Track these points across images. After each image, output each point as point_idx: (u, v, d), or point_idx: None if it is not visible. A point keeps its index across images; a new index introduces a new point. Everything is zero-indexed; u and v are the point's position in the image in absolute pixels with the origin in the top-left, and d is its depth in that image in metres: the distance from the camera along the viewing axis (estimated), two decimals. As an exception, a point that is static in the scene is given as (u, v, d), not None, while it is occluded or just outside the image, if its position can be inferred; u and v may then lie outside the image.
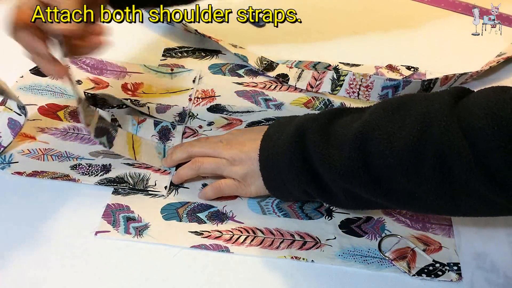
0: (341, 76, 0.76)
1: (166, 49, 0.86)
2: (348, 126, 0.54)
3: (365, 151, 0.52)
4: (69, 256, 0.58)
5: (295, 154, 0.57)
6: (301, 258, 0.59)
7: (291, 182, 0.59)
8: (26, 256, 0.58)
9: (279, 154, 0.58)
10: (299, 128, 0.57)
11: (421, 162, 0.49)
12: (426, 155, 0.48)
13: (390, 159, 0.50)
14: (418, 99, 0.52)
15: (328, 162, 0.54)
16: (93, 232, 0.60)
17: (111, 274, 0.57)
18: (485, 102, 0.47)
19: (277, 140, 0.59)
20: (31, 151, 0.68)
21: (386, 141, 0.50)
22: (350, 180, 0.54)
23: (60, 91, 0.77)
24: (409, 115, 0.50)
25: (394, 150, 0.50)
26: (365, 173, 0.52)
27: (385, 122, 0.51)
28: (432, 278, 0.58)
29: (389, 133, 0.51)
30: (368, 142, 0.52)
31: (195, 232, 0.61)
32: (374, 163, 0.52)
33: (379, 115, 0.52)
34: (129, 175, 0.66)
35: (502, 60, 0.84)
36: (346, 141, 0.53)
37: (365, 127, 0.52)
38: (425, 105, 0.50)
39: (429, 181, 0.49)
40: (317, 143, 0.55)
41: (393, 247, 0.60)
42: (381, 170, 0.52)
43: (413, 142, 0.49)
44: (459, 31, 0.93)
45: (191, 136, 0.72)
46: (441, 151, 0.48)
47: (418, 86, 0.76)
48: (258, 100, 0.78)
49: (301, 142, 0.57)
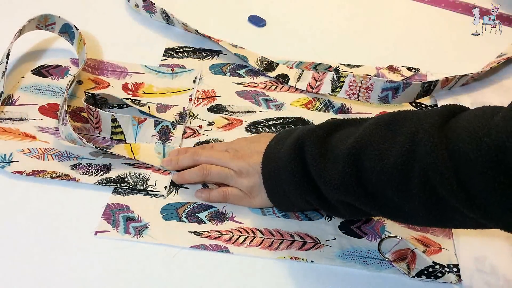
0: (341, 78, 0.76)
1: (166, 49, 0.86)
2: (344, 141, 0.55)
3: (358, 167, 0.53)
4: (69, 256, 0.58)
5: (296, 167, 0.57)
6: (301, 259, 0.59)
7: (293, 194, 0.59)
8: (26, 256, 0.58)
9: (280, 167, 0.59)
10: (298, 140, 0.58)
11: (409, 180, 0.50)
12: (413, 174, 0.49)
13: (381, 175, 0.51)
14: (409, 117, 0.53)
15: (324, 175, 0.55)
16: (92, 232, 0.61)
17: (110, 274, 0.57)
18: (473, 126, 0.47)
19: (278, 153, 0.60)
20: (31, 150, 0.68)
21: (378, 158, 0.52)
22: (345, 194, 0.55)
23: (60, 91, 0.77)
24: (400, 133, 0.52)
25: (384, 167, 0.51)
26: (359, 187, 0.53)
27: (377, 138, 0.53)
28: (431, 280, 0.58)
29: (380, 149, 0.52)
30: (361, 158, 0.53)
31: (194, 232, 0.61)
32: (367, 178, 0.53)
33: (372, 131, 0.53)
34: (129, 175, 0.66)
35: (503, 60, 0.83)
36: (341, 156, 0.54)
37: (359, 143, 0.53)
38: (415, 124, 0.51)
39: (417, 198, 0.50)
40: (314, 156, 0.56)
41: (393, 248, 0.60)
42: (373, 186, 0.53)
43: (401, 160, 0.50)
44: (459, 31, 0.93)
45: (191, 136, 0.72)
46: (426, 171, 0.49)
47: (418, 88, 0.76)
48: (258, 101, 0.78)
49: (300, 154, 0.57)
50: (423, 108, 0.78)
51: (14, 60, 0.81)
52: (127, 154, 0.67)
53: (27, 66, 0.81)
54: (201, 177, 0.65)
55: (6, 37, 0.78)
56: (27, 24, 0.79)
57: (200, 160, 0.66)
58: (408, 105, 0.79)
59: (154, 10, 0.90)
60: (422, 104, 0.79)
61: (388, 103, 0.76)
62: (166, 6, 0.89)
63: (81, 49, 0.80)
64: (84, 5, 0.94)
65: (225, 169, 0.64)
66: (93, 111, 0.69)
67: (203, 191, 0.64)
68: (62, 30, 0.82)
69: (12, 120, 0.72)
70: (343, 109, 0.77)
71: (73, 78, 0.74)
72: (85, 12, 0.92)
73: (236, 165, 0.64)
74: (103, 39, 0.86)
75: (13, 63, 0.80)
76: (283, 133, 0.63)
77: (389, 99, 0.76)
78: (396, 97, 0.76)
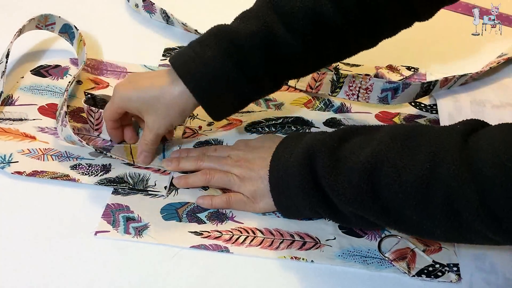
0: (340, 78, 0.76)
1: (166, 49, 0.86)
2: (357, 153, 0.54)
3: (373, 182, 0.52)
4: (69, 256, 0.58)
5: (305, 178, 0.57)
6: (301, 259, 0.59)
7: (301, 204, 0.59)
8: (25, 256, 0.58)
9: (289, 176, 0.59)
10: (309, 150, 0.57)
11: (430, 200, 0.49)
12: (434, 194, 0.49)
13: (399, 193, 0.50)
14: (428, 133, 0.52)
15: (337, 188, 0.54)
16: (92, 232, 0.60)
17: (110, 274, 0.57)
18: (494, 148, 0.47)
19: (286, 161, 0.59)
20: (31, 151, 0.68)
21: (395, 175, 0.50)
22: (360, 208, 0.54)
23: (60, 91, 0.77)
24: (418, 151, 0.50)
25: (403, 185, 0.50)
26: (373, 202, 0.53)
27: (393, 154, 0.51)
28: (431, 279, 0.58)
29: (397, 166, 0.51)
30: (377, 173, 0.52)
31: (194, 232, 0.61)
32: (383, 194, 0.52)
33: (388, 146, 0.52)
34: (129, 175, 0.66)
35: (503, 61, 0.84)
36: (355, 170, 0.53)
37: (374, 158, 0.52)
38: (435, 142, 0.50)
39: (437, 217, 0.50)
40: (326, 168, 0.55)
41: (393, 248, 0.60)
42: (389, 202, 0.52)
43: (422, 179, 0.49)
44: (459, 31, 0.93)
45: (191, 136, 0.72)
46: (449, 193, 0.48)
47: (417, 88, 0.76)
48: (258, 100, 0.78)
49: (310, 165, 0.57)
50: (423, 107, 0.79)
51: (14, 60, 0.81)
52: (127, 158, 0.67)
53: (26, 66, 0.81)
54: (204, 182, 0.65)
55: (5, 36, 0.78)
56: (27, 23, 0.79)
57: (202, 166, 0.66)
58: (408, 105, 0.79)
59: (154, 10, 0.90)
60: (422, 104, 0.79)
61: (387, 103, 0.76)
62: (166, 6, 0.89)
63: (81, 49, 0.80)
64: (84, 5, 0.94)
65: (228, 174, 0.64)
66: (95, 112, 0.69)
67: (205, 198, 0.64)
68: (62, 30, 0.82)
69: (12, 120, 0.72)
70: (342, 109, 0.77)
71: (73, 79, 0.74)
72: (85, 12, 0.92)
73: (239, 171, 0.64)
74: (102, 39, 0.86)
75: (13, 63, 0.80)
76: (289, 139, 0.63)
77: (388, 99, 0.76)
78: (396, 98, 0.76)
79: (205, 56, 0.60)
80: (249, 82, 0.61)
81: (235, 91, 0.62)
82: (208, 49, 0.60)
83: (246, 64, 0.60)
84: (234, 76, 0.60)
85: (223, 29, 0.61)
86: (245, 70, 0.60)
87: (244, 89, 0.62)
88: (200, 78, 0.60)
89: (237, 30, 0.60)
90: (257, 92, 0.64)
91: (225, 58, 0.59)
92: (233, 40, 0.60)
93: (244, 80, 0.61)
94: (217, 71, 0.60)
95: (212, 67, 0.59)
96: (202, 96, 0.61)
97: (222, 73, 0.60)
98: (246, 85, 0.61)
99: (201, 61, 0.60)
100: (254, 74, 0.61)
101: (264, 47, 0.60)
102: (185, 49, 0.62)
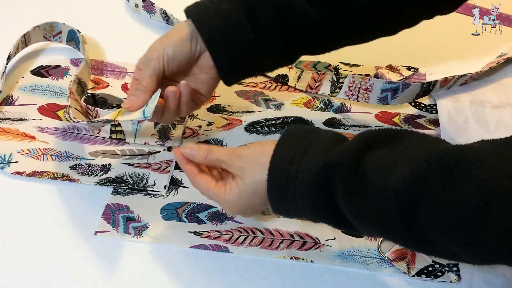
0: (340, 78, 0.76)
1: (166, 49, 0.86)
2: (384, 175, 0.46)
3: (409, 212, 0.45)
4: (69, 256, 0.58)
5: (319, 199, 0.50)
6: (301, 259, 0.59)
7: (307, 216, 0.53)
8: (25, 256, 0.58)
9: (297, 195, 0.51)
10: (326, 171, 0.49)
11: (478, 240, 0.43)
12: (485, 234, 0.43)
13: (441, 228, 0.44)
14: (475, 160, 0.44)
15: (360, 215, 0.48)
16: (92, 232, 0.60)
17: (110, 274, 0.57)
18: None
19: (293, 177, 0.51)
20: (31, 151, 0.68)
21: (438, 209, 0.44)
22: (387, 235, 0.50)
23: (60, 91, 0.77)
24: (467, 182, 0.43)
25: (448, 220, 0.44)
26: (406, 232, 0.47)
27: (434, 182, 0.44)
28: (431, 279, 0.58)
29: (440, 197, 0.44)
30: (414, 203, 0.45)
31: (194, 232, 0.61)
32: (419, 225, 0.45)
33: (425, 172, 0.45)
34: (128, 175, 0.66)
35: (503, 61, 0.83)
36: (385, 198, 0.46)
37: (410, 185, 0.45)
38: (487, 174, 0.42)
39: (481, 255, 0.45)
40: (346, 192, 0.48)
41: (393, 248, 0.60)
42: (427, 234, 0.46)
43: (471, 218, 0.42)
44: (459, 31, 0.93)
45: (190, 136, 0.72)
46: (503, 232, 0.42)
47: (417, 89, 0.76)
48: (258, 100, 0.78)
49: (326, 185, 0.49)
50: (422, 107, 0.78)
51: (14, 60, 0.81)
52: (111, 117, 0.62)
53: (26, 66, 0.81)
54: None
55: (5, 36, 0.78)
56: (31, 31, 0.80)
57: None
58: (408, 105, 0.79)
59: (153, 10, 0.90)
60: (421, 104, 0.79)
61: (387, 104, 0.76)
62: (166, 6, 0.89)
63: (84, 49, 0.80)
64: (84, 5, 0.94)
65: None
66: (92, 111, 0.69)
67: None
68: (68, 39, 0.82)
69: (12, 120, 0.72)
70: (342, 109, 0.77)
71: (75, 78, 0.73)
72: (85, 12, 0.92)
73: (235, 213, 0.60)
74: (102, 39, 0.86)
75: (13, 63, 0.80)
76: (291, 141, 0.53)
77: (388, 100, 0.76)
78: (395, 98, 0.76)
79: (221, 8, 0.59)
80: (261, 40, 0.59)
81: (248, 48, 0.59)
82: (225, 2, 0.59)
83: (258, 23, 0.59)
84: (247, 31, 0.58)
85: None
86: (258, 28, 0.59)
87: (256, 48, 0.60)
88: (213, 27, 0.59)
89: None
90: (269, 55, 0.61)
91: (240, 13, 0.58)
92: None
93: (255, 37, 0.59)
94: (230, 24, 0.58)
95: (227, 19, 0.58)
96: (214, 48, 0.59)
97: (235, 27, 0.58)
98: (256, 43, 0.59)
99: (217, 11, 0.59)
100: (266, 35, 0.59)
101: (279, 11, 0.59)
102: (201, 1, 0.61)
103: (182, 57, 0.60)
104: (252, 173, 0.53)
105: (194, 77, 0.63)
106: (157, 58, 0.60)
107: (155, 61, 0.59)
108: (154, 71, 0.60)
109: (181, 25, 0.60)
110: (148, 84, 0.59)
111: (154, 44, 0.61)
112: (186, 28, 0.60)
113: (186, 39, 0.59)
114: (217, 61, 0.60)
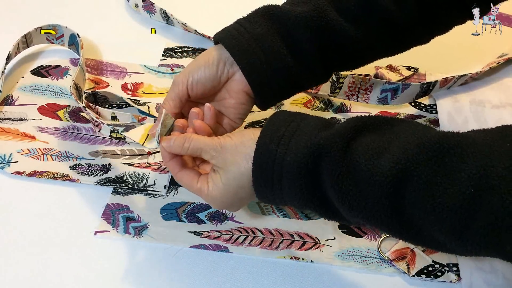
0: (340, 78, 0.76)
1: (166, 49, 0.86)
2: (374, 161, 0.46)
3: (397, 198, 0.45)
4: (69, 256, 0.58)
5: (307, 183, 0.49)
6: (301, 259, 0.59)
7: (292, 201, 0.52)
8: (25, 256, 0.58)
9: (283, 177, 0.50)
10: (314, 153, 0.48)
11: (467, 229, 0.43)
12: (475, 223, 0.42)
13: (431, 215, 0.44)
14: (469, 147, 0.43)
15: (348, 199, 0.47)
16: (92, 232, 0.61)
17: (110, 273, 0.57)
18: None
19: (281, 159, 0.50)
20: (31, 151, 0.68)
21: (428, 194, 0.43)
22: (372, 220, 0.48)
23: (60, 91, 0.77)
24: (459, 169, 0.42)
25: (437, 207, 0.43)
26: (392, 218, 0.46)
27: (424, 169, 0.44)
28: (431, 279, 0.58)
29: (430, 183, 0.43)
30: (402, 189, 0.44)
31: (194, 232, 0.61)
32: (407, 212, 0.45)
33: (416, 158, 0.44)
34: (128, 175, 0.66)
35: (503, 61, 0.83)
36: (374, 183, 0.45)
37: (398, 171, 0.44)
38: (480, 161, 0.42)
39: (470, 243, 0.44)
40: (335, 177, 0.47)
41: (393, 248, 0.60)
42: (415, 221, 0.45)
43: (462, 204, 0.42)
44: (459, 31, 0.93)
45: (190, 136, 0.72)
46: (495, 220, 0.41)
47: (417, 89, 0.76)
48: (258, 100, 0.78)
49: (315, 169, 0.49)
50: (422, 107, 0.78)
51: (14, 60, 0.81)
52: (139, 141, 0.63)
53: (26, 66, 0.81)
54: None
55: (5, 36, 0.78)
56: (33, 32, 0.79)
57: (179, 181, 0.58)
58: (408, 105, 0.79)
59: (153, 10, 0.90)
60: (421, 104, 0.79)
61: (387, 104, 0.76)
62: (166, 6, 0.89)
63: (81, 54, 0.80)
64: (84, 5, 0.94)
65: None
66: (93, 109, 0.69)
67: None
68: (70, 42, 0.82)
69: (12, 120, 0.72)
70: (342, 109, 0.77)
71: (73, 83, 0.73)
72: (85, 12, 0.92)
73: (221, 208, 0.58)
74: (102, 39, 0.86)
75: (13, 63, 0.80)
76: (277, 124, 0.52)
77: (388, 100, 0.76)
78: (395, 98, 0.76)
79: (255, 32, 0.58)
80: (298, 62, 0.59)
81: (285, 70, 0.58)
82: (258, 26, 0.58)
83: (295, 45, 0.58)
84: (284, 54, 0.58)
85: (272, 8, 0.59)
86: (295, 50, 0.58)
87: (293, 70, 0.59)
88: (248, 52, 0.57)
89: (287, 11, 0.58)
90: (307, 76, 0.61)
91: (275, 36, 0.58)
92: (283, 20, 0.58)
93: (292, 59, 0.58)
94: (266, 48, 0.57)
95: (262, 43, 0.57)
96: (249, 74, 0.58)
97: (272, 50, 0.57)
98: (294, 64, 0.58)
99: (251, 36, 0.58)
100: (303, 56, 0.59)
101: (315, 31, 0.58)
102: (231, 26, 0.60)
103: (207, 80, 0.59)
104: (236, 166, 0.52)
105: (223, 102, 0.61)
106: (181, 81, 0.60)
107: (179, 84, 0.60)
108: (177, 94, 0.60)
109: (209, 50, 0.60)
110: (168, 106, 0.59)
111: (184, 69, 0.61)
112: (213, 52, 0.59)
113: (212, 63, 0.59)
114: (254, 87, 0.59)
